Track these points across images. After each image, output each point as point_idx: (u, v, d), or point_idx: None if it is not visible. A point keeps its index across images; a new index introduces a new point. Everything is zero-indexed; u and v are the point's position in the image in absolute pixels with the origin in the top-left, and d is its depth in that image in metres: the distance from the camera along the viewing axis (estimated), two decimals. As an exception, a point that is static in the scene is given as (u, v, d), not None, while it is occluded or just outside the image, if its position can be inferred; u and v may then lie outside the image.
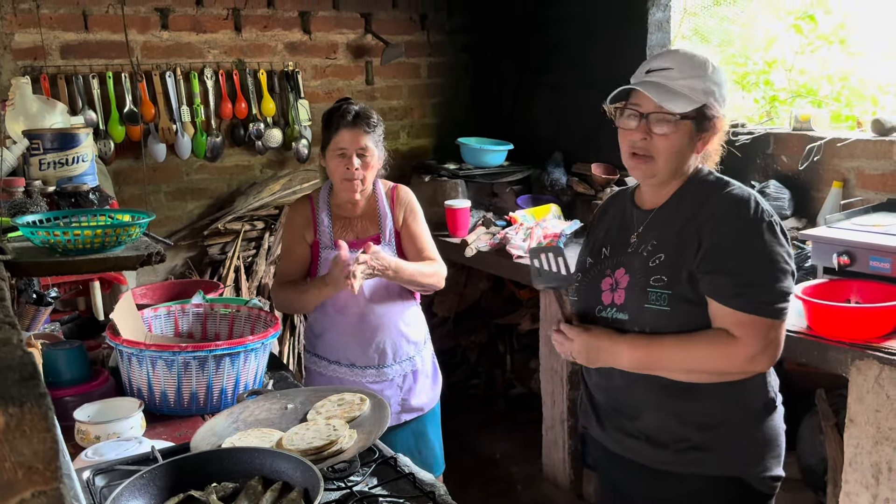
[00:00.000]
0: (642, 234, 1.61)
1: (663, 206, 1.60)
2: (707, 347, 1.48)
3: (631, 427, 1.61)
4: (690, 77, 1.49)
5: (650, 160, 1.53)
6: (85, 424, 1.70)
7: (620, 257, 1.62)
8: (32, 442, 0.62)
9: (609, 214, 1.75)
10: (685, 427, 1.55)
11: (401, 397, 2.33)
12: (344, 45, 4.08)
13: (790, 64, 3.34)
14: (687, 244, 1.51)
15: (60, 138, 2.11)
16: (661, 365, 1.53)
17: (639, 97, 1.52)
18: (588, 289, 1.66)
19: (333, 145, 2.22)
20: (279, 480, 1.31)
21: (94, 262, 1.44)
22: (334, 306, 2.27)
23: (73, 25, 3.47)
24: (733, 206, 1.50)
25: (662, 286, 1.51)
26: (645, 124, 1.51)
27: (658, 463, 1.59)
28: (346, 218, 2.31)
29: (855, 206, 2.61)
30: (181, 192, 3.83)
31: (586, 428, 1.77)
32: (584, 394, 1.77)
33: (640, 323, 1.54)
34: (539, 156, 3.98)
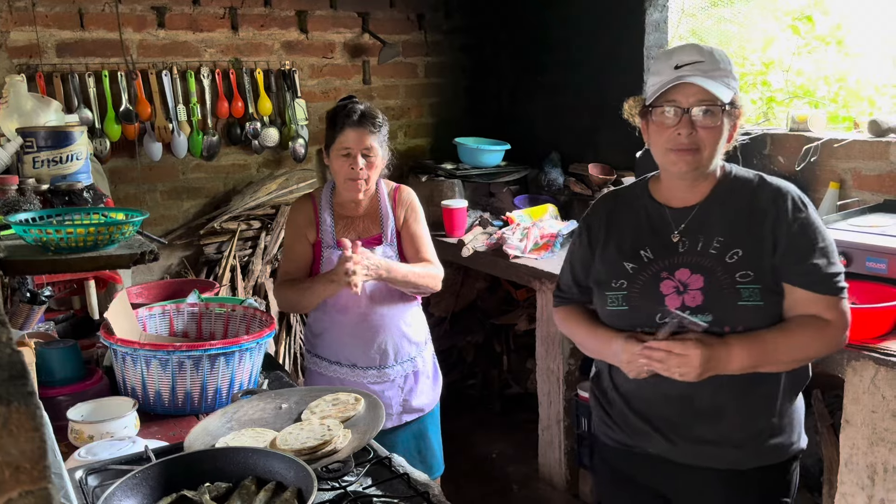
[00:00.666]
0: (688, 231, 1.57)
1: (706, 202, 1.57)
2: (810, 335, 1.50)
3: (709, 432, 1.57)
4: (720, 67, 1.50)
5: (695, 152, 1.50)
6: (78, 424, 1.69)
7: (673, 258, 1.56)
8: (20, 441, 0.61)
9: (622, 215, 1.68)
10: (761, 419, 1.57)
11: (402, 398, 2.31)
12: (341, 45, 4.08)
13: (787, 65, 3.34)
14: (760, 239, 1.51)
15: (54, 136, 2.11)
16: (771, 360, 1.50)
17: (676, 92, 1.49)
18: (643, 294, 1.58)
19: (338, 145, 2.19)
20: (273, 480, 1.30)
21: (87, 260, 1.43)
22: (335, 306, 2.26)
23: (69, 23, 3.46)
24: (789, 198, 1.53)
25: (751, 281, 1.49)
26: (688, 119, 1.49)
27: (735, 463, 1.58)
28: (349, 217, 2.29)
29: (851, 206, 2.61)
30: (177, 191, 3.82)
31: (630, 447, 1.67)
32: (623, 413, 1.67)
33: (729, 322, 1.50)
34: (536, 156, 3.98)
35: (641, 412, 1.63)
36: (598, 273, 1.67)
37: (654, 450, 1.63)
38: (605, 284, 1.62)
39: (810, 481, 2.55)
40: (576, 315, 1.76)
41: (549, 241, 3.23)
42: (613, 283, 1.60)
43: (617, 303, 1.59)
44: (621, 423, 1.68)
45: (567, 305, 1.80)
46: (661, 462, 1.63)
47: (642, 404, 1.63)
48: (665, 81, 1.49)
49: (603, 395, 1.73)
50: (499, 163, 4.00)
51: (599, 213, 1.73)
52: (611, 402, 1.70)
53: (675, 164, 1.52)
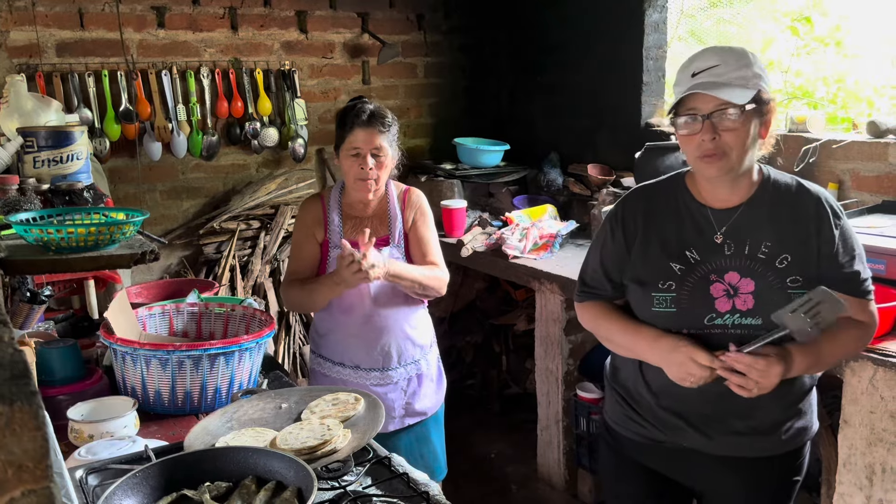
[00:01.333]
0: (731, 234, 1.57)
1: (749, 205, 1.58)
2: (851, 337, 1.57)
3: (741, 425, 1.61)
4: (738, 68, 1.49)
5: (723, 157, 1.50)
6: (78, 423, 1.69)
7: (720, 260, 1.57)
8: (22, 440, 0.61)
9: (660, 211, 1.65)
10: (787, 409, 1.63)
11: (405, 401, 2.29)
12: (340, 45, 4.08)
13: (786, 66, 3.35)
14: (806, 245, 1.54)
15: (55, 136, 2.11)
16: (822, 364, 1.57)
17: (694, 101, 1.50)
18: (693, 297, 1.57)
19: (347, 144, 2.18)
20: (273, 480, 1.30)
21: (88, 260, 1.44)
22: (339, 307, 2.25)
23: (69, 23, 3.46)
24: (832, 208, 1.57)
25: (800, 286, 1.52)
26: (709, 125, 1.49)
27: (764, 451, 1.64)
28: (357, 218, 2.28)
29: (850, 207, 2.61)
30: (177, 190, 3.82)
31: (661, 442, 1.69)
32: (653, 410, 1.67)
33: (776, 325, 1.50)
34: (535, 156, 3.98)
35: (674, 409, 1.64)
36: (638, 272, 1.64)
37: (689, 444, 1.65)
38: (650, 285, 1.60)
39: (809, 481, 2.56)
40: (607, 311, 1.72)
41: (548, 241, 3.23)
42: (661, 285, 1.59)
43: (665, 304, 1.58)
44: (652, 420, 1.68)
45: (594, 301, 1.76)
46: (694, 455, 1.66)
47: (675, 401, 1.64)
48: (681, 90, 1.52)
49: (626, 392, 1.73)
50: (498, 163, 4.00)
51: (634, 207, 1.68)
52: (638, 399, 1.70)
53: (707, 169, 1.53)
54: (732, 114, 1.47)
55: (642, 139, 3.17)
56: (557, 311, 2.98)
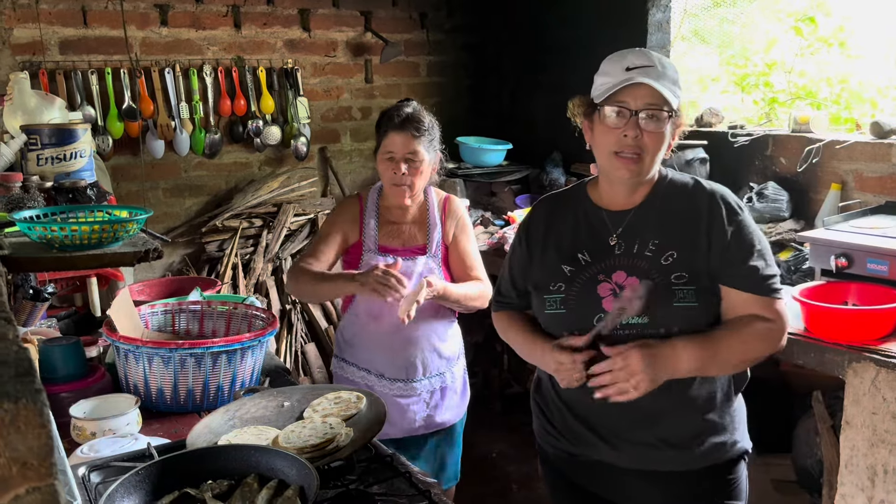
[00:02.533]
0: (624, 234, 1.57)
1: (642, 206, 1.58)
2: (757, 336, 1.51)
3: (649, 436, 1.57)
4: (669, 74, 1.51)
5: (638, 159, 1.50)
6: (81, 421, 1.69)
7: (609, 261, 1.57)
8: (27, 438, 0.61)
9: (560, 217, 1.67)
10: (700, 420, 1.57)
11: (426, 413, 2.24)
12: (343, 43, 4.08)
13: (790, 66, 3.34)
14: (695, 242, 1.52)
15: (58, 134, 2.11)
16: (719, 360, 1.50)
17: (626, 94, 1.49)
18: (580, 297, 1.57)
19: (383, 148, 2.16)
20: (275, 478, 1.30)
21: (91, 257, 1.44)
22: (369, 313, 2.19)
23: (72, 21, 3.46)
24: (726, 203, 1.55)
25: (686, 282, 1.50)
26: (635, 122, 1.48)
27: (680, 464, 1.58)
28: (394, 223, 2.23)
29: (853, 208, 2.61)
30: (179, 188, 3.83)
31: (575, 455, 1.67)
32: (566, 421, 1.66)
33: (665, 323, 1.50)
34: (538, 155, 3.98)
35: (584, 419, 1.62)
36: (536, 276, 1.65)
37: (599, 457, 1.62)
38: (543, 288, 1.61)
39: (810, 482, 2.56)
40: (514, 322, 1.74)
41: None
42: (551, 287, 1.59)
43: (555, 306, 1.58)
44: (564, 432, 1.67)
45: (505, 311, 1.79)
46: (606, 469, 1.62)
47: (584, 411, 1.61)
48: (616, 82, 1.49)
49: (545, 404, 1.73)
50: (500, 162, 4.00)
51: (538, 216, 1.71)
52: (553, 411, 1.70)
53: (618, 170, 1.53)
54: (662, 116, 1.48)
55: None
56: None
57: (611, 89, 1.50)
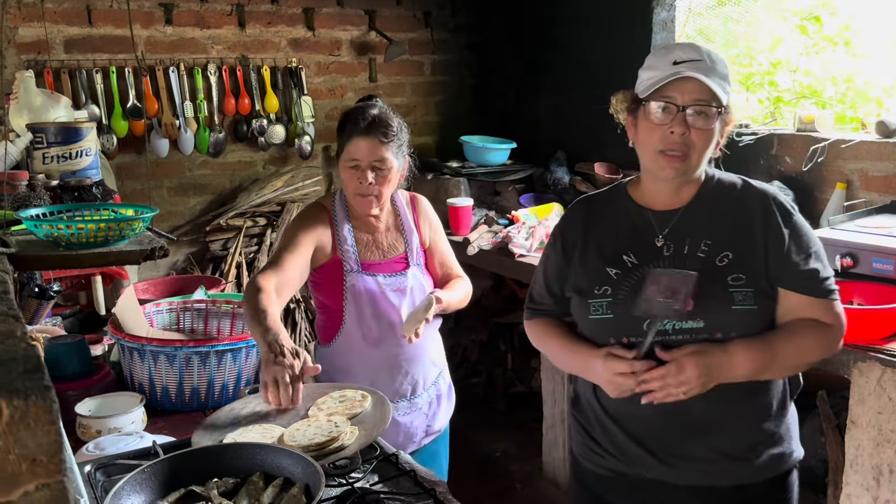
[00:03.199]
0: (672, 235, 1.50)
1: (691, 206, 1.51)
2: (814, 338, 1.46)
3: (705, 450, 1.48)
4: (719, 68, 1.44)
5: (684, 157, 1.43)
6: (86, 419, 1.70)
7: (658, 262, 1.48)
8: (36, 434, 0.62)
9: (599, 219, 1.59)
10: (757, 429, 1.50)
11: (426, 423, 2.15)
12: (347, 42, 4.08)
13: (795, 65, 3.34)
14: (751, 243, 1.46)
15: (64, 132, 2.12)
16: (777, 364, 1.44)
17: (672, 89, 1.42)
18: (629, 301, 1.47)
19: (346, 154, 1.96)
20: (280, 476, 1.31)
21: (98, 256, 1.44)
22: (367, 339, 2.01)
23: (77, 20, 3.47)
24: (780, 204, 1.49)
25: (743, 284, 1.43)
26: (682, 118, 1.41)
27: (737, 478, 1.50)
28: (370, 234, 2.06)
29: (858, 207, 2.60)
30: (183, 187, 3.83)
31: (625, 475, 1.56)
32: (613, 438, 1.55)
33: (722, 327, 1.42)
34: (542, 154, 3.97)
35: (633, 434, 1.52)
36: (577, 280, 1.57)
37: (651, 474, 1.52)
38: (587, 292, 1.53)
39: (815, 482, 2.55)
40: (551, 329, 1.65)
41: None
42: (596, 291, 1.51)
43: (601, 311, 1.50)
44: (612, 450, 1.56)
45: (540, 318, 1.69)
46: (659, 487, 1.52)
47: (633, 424, 1.52)
48: (663, 76, 1.42)
49: (586, 420, 1.62)
50: (504, 161, 3.99)
51: (574, 219, 1.63)
52: (597, 427, 1.59)
53: (663, 168, 1.46)
54: (711, 112, 1.42)
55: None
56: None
57: (657, 83, 1.43)
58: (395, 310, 2.00)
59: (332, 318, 2.04)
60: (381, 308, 2.00)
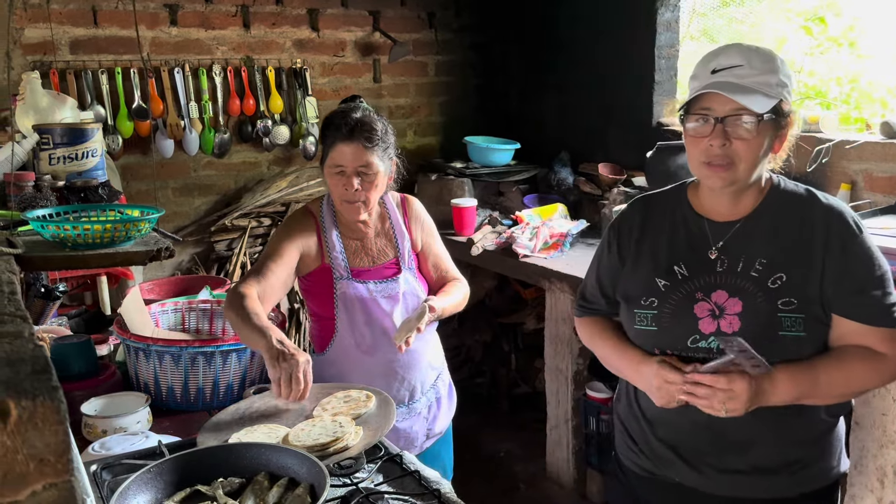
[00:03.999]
0: (726, 249, 1.45)
1: (750, 219, 1.45)
2: (865, 368, 1.39)
3: (739, 462, 1.46)
4: (763, 72, 1.37)
5: (730, 167, 1.38)
6: (92, 418, 1.71)
7: (708, 277, 1.44)
8: (44, 434, 0.62)
9: (657, 223, 1.54)
10: (796, 447, 1.46)
11: (426, 428, 2.12)
12: (352, 43, 4.09)
13: (799, 65, 3.33)
14: (808, 264, 1.39)
15: (70, 133, 2.12)
16: (820, 393, 1.38)
17: (710, 100, 1.37)
18: (675, 316, 1.44)
19: (330, 161, 1.90)
20: (285, 476, 1.31)
21: (104, 256, 1.45)
22: (360, 347, 1.97)
23: (83, 21, 3.48)
24: (845, 222, 1.41)
25: (794, 310, 1.37)
26: (721, 129, 1.36)
27: (770, 491, 1.47)
28: (356, 240, 2.01)
29: (863, 208, 2.60)
30: (188, 188, 3.84)
31: (654, 474, 1.56)
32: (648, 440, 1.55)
33: (766, 353, 1.33)
34: (546, 155, 3.98)
35: (667, 439, 1.51)
36: (627, 287, 1.54)
37: (681, 479, 1.51)
38: (633, 301, 1.50)
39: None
40: (601, 329, 1.62)
41: (558, 240, 3.23)
42: (643, 301, 1.48)
43: (646, 322, 1.47)
44: (646, 450, 1.56)
45: (592, 317, 1.67)
46: (688, 493, 1.51)
47: (668, 431, 1.51)
48: (697, 88, 1.39)
49: (626, 419, 1.62)
50: (508, 162, 4.00)
51: (632, 220, 1.58)
52: (634, 426, 1.59)
53: (709, 178, 1.41)
54: (748, 122, 1.35)
55: (654, 138, 3.16)
56: (567, 311, 2.98)
57: (692, 95, 1.39)
58: (387, 316, 1.97)
59: (324, 326, 2.01)
60: (373, 315, 1.96)
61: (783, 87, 1.38)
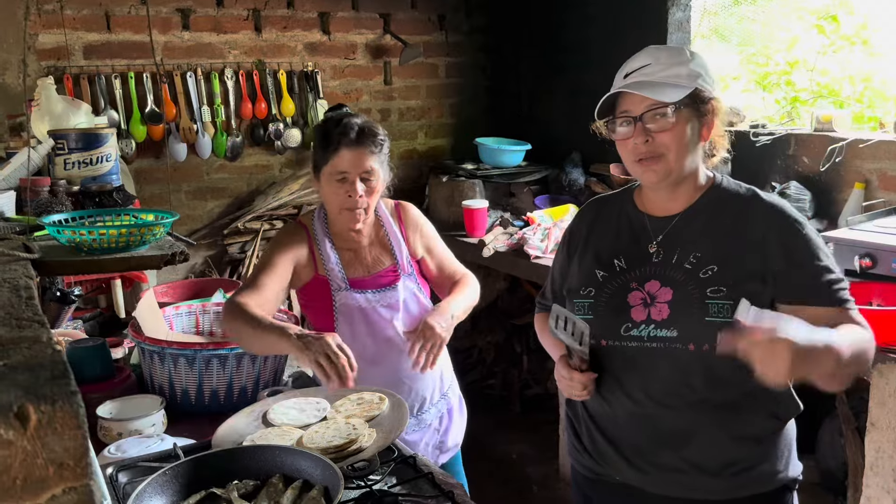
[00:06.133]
0: (665, 242, 1.49)
1: (687, 213, 1.49)
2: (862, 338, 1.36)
3: (677, 459, 1.45)
4: (671, 66, 1.43)
5: (660, 159, 1.43)
6: (107, 421, 1.72)
7: (645, 268, 1.49)
8: (63, 439, 0.63)
9: (602, 221, 1.61)
10: (736, 446, 1.45)
11: (438, 440, 2.05)
12: (363, 46, 4.10)
13: (812, 64, 3.31)
14: (741, 257, 1.42)
15: (85, 138, 2.14)
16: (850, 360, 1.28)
17: (626, 102, 1.45)
18: (610, 305, 1.49)
19: (331, 168, 1.85)
20: (300, 478, 1.32)
21: (119, 261, 1.46)
22: (364, 358, 1.85)
23: (96, 26, 3.51)
24: (787, 217, 1.44)
25: (723, 297, 1.39)
26: (641, 127, 1.43)
27: (711, 493, 1.46)
28: (352, 250, 1.97)
29: (877, 207, 2.58)
30: (201, 191, 3.86)
31: (599, 475, 1.56)
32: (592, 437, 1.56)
33: (694, 338, 1.38)
34: (557, 156, 3.97)
35: (608, 435, 1.52)
36: (571, 280, 1.59)
37: (624, 479, 1.51)
38: (574, 292, 1.55)
39: (835, 484, 2.53)
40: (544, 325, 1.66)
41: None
42: (581, 291, 1.53)
43: (583, 312, 1.51)
44: (590, 449, 1.57)
45: (543, 312, 1.74)
46: (632, 492, 1.50)
47: (609, 425, 1.52)
48: (613, 93, 1.46)
49: (575, 418, 1.63)
50: (519, 163, 4.00)
51: (582, 220, 1.66)
52: (582, 426, 1.60)
53: (644, 174, 1.46)
54: (662, 113, 1.40)
55: None
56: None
57: (603, 99, 1.47)
58: (388, 325, 1.93)
59: None
60: (374, 325, 1.93)
61: (697, 77, 1.43)
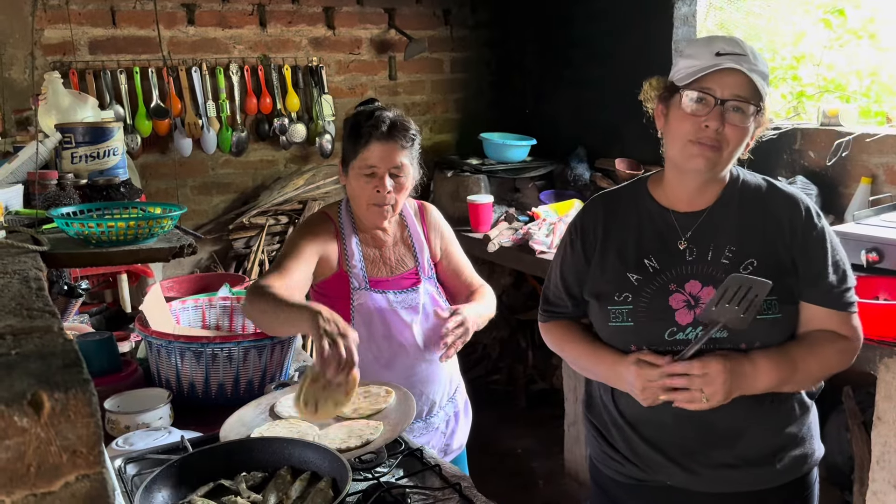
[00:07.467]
0: (695, 239, 1.45)
1: (714, 208, 1.47)
2: (833, 350, 1.43)
3: (729, 456, 1.45)
4: (760, 65, 1.39)
5: (717, 150, 1.37)
6: (115, 414, 1.73)
7: (680, 268, 1.44)
8: (77, 427, 0.63)
9: (620, 218, 1.53)
10: (780, 434, 1.47)
11: (444, 443, 2.02)
12: (367, 41, 4.10)
13: (818, 59, 3.30)
14: (776, 250, 1.43)
15: (92, 132, 2.14)
16: (798, 376, 1.40)
17: (712, 80, 1.36)
18: (651, 310, 1.43)
19: (361, 161, 1.81)
20: (308, 470, 1.32)
21: (127, 253, 1.46)
22: (379, 360, 1.87)
23: (101, 21, 3.52)
24: (804, 209, 1.45)
25: (770, 293, 1.36)
26: (719, 111, 1.36)
27: (758, 483, 1.47)
28: (375, 248, 1.93)
29: (884, 202, 2.57)
30: (207, 186, 3.87)
31: (643, 482, 1.52)
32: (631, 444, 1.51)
33: (746, 337, 1.37)
34: (562, 151, 3.97)
35: (653, 441, 1.48)
36: (596, 284, 1.51)
37: (671, 481, 1.48)
38: (606, 298, 1.47)
39: (841, 479, 2.53)
40: (570, 332, 1.59)
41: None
42: (616, 297, 1.46)
43: (621, 318, 1.45)
44: (630, 456, 1.51)
45: (557, 321, 1.63)
46: (678, 494, 1.49)
47: (653, 431, 1.48)
48: (705, 66, 1.36)
49: (602, 424, 1.58)
50: (524, 158, 3.99)
51: (594, 216, 1.56)
52: (614, 432, 1.54)
53: (694, 158, 1.39)
54: (745, 108, 1.37)
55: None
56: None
57: (697, 73, 1.36)
58: (407, 328, 1.89)
59: None
60: (392, 327, 1.88)
61: (768, 87, 1.41)
